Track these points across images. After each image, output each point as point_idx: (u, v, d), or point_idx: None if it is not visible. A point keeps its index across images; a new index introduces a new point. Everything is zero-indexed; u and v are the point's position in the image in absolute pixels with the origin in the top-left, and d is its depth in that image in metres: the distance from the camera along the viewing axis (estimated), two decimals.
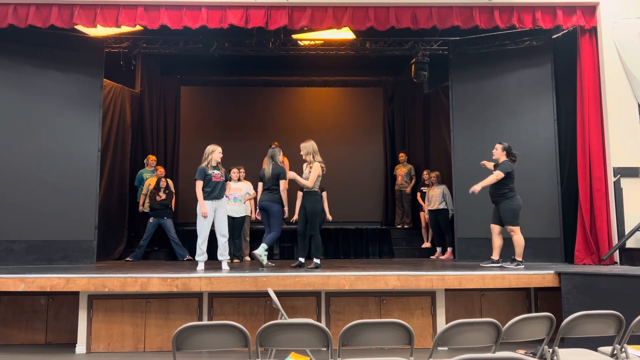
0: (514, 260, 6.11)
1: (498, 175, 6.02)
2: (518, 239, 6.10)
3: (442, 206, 8.24)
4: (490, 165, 6.44)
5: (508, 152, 6.22)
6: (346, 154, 10.35)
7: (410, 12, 6.69)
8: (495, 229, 6.23)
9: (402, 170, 9.66)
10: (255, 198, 7.40)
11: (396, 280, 5.38)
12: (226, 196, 6.55)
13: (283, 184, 6.53)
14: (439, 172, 8.51)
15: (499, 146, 6.25)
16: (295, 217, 7.26)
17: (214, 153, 6.24)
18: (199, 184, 6.08)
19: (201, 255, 6.04)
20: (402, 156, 9.78)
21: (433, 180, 8.49)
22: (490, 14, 6.67)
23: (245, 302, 5.68)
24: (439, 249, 8.44)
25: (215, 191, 6.11)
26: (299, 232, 6.35)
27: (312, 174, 6.15)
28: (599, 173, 6.52)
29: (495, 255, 6.19)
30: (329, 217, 7.84)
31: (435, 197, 8.34)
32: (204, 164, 6.20)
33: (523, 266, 6.02)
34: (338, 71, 10.72)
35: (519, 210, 6.10)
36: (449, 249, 8.27)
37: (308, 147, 6.30)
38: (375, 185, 10.55)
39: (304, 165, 6.45)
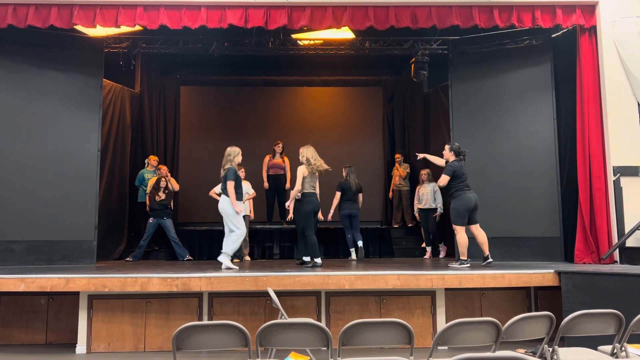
0: (459, 259, 6.16)
1: (443, 179, 6.24)
2: (459, 238, 6.16)
3: (434, 205, 8.20)
4: (433, 159, 6.73)
5: (456, 152, 6.34)
6: (346, 154, 10.33)
7: (409, 12, 6.69)
8: (470, 228, 6.26)
9: (399, 171, 9.62)
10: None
11: (396, 279, 5.38)
12: None
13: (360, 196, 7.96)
14: (429, 169, 8.49)
15: (446, 147, 6.43)
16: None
17: (239, 155, 6.31)
18: (232, 184, 6.05)
19: (233, 251, 6.20)
20: (398, 157, 9.74)
21: (423, 178, 8.45)
22: (490, 13, 6.68)
23: (246, 302, 5.68)
24: (428, 249, 8.35)
25: (242, 192, 6.32)
26: (298, 233, 6.70)
27: (297, 178, 6.49)
28: (598, 172, 6.52)
29: (485, 252, 6.20)
30: (321, 217, 7.89)
31: (426, 196, 8.29)
32: (233, 165, 6.17)
33: (468, 265, 6.05)
34: (338, 71, 10.71)
35: (463, 209, 6.13)
36: (444, 248, 8.24)
37: (303, 152, 6.62)
38: (375, 184, 10.53)
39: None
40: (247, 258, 7.99)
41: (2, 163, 6.78)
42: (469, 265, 6.07)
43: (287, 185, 8.98)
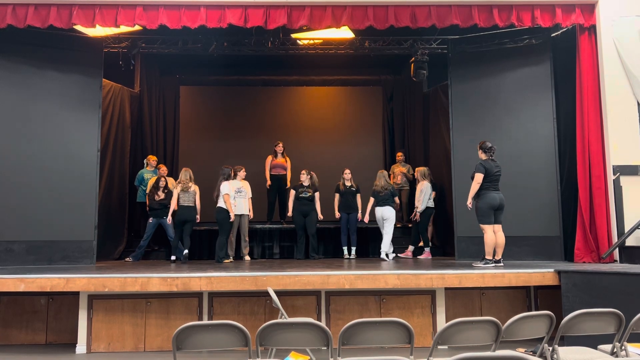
0: (484, 259, 6.11)
1: (476, 180, 6.09)
2: (486, 237, 6.10)
3: (424, 205, 8.14)
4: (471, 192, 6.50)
5: (485, 150, 6.26)
6: (345, 153, 10.35)
7: (409, 11, 6.69)
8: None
9: (400, 170, 9.56)
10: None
11: (396, 279, 5.38)
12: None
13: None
14: (423, 168, 8.42)
15: (478, 146, 6.36)
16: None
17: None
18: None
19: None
20: (399, 155, 9.68)
21: (417, 176, 8.33)
22: (490, 13, 6.68)
23: (246, 302, 5.68)
24: (410, 247, 8.26)
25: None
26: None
27: (173, 196, 7.60)
28: (598, 171, 6.52)
29: (498, 255, 6.18)
30: (320, 216, 8.06)
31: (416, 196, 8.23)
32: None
33: (493, 265, 6.00)
34: (337, 70, 10.71)
35: (487, 208, 6.08)
36: (427, 249, 8.22)
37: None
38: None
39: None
40: (247, 258, 7.99)
41: (1, 163, 6.77)
42: (494, 265, 6.01)
43: (288, 184, 9.00)
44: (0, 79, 6.88)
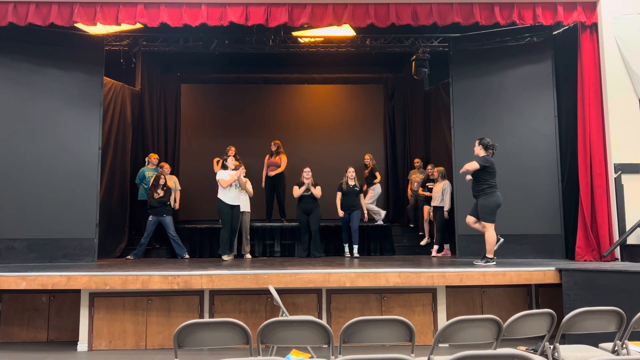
0: (484, 257, 6.10)
1: (472, 165, 6.07)
2: (489, 235, 6.08)
3: (442, 204, 8.21)
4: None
5: (486, 146, 6.23)
6: (347, 151, 10.34)
7: (410, 9, 6.69)
8: (470, 219, 6.26)
9: (417, 177, 9.26)
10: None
11: (397, 277, 5.39)
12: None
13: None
14: (443, 167, 8.44)
15: (476, 142, 6.33)
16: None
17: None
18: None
19: None
20: (417, 162, 9.49)
21: (436, 176, 8.39)
22: (491, 10, 6.67)
23: (247, 300, 5.69)
24: (436, 246, 8.31)
25: None
26: None
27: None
28: (599, 169, 6.52)
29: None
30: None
31: (436, 194, 8.31)
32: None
33: (494, 263, 5.99)
34: (338, 68, 10.69)
35: (495, 207, 6.08)
36: (446, 246, 8.25)
37: None
38: None
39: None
40: (248, 256, 8.00)
41: (2, 161, 6.78)
42: (494, 263, 6.00)
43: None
44: (0, 77, 6.88)
